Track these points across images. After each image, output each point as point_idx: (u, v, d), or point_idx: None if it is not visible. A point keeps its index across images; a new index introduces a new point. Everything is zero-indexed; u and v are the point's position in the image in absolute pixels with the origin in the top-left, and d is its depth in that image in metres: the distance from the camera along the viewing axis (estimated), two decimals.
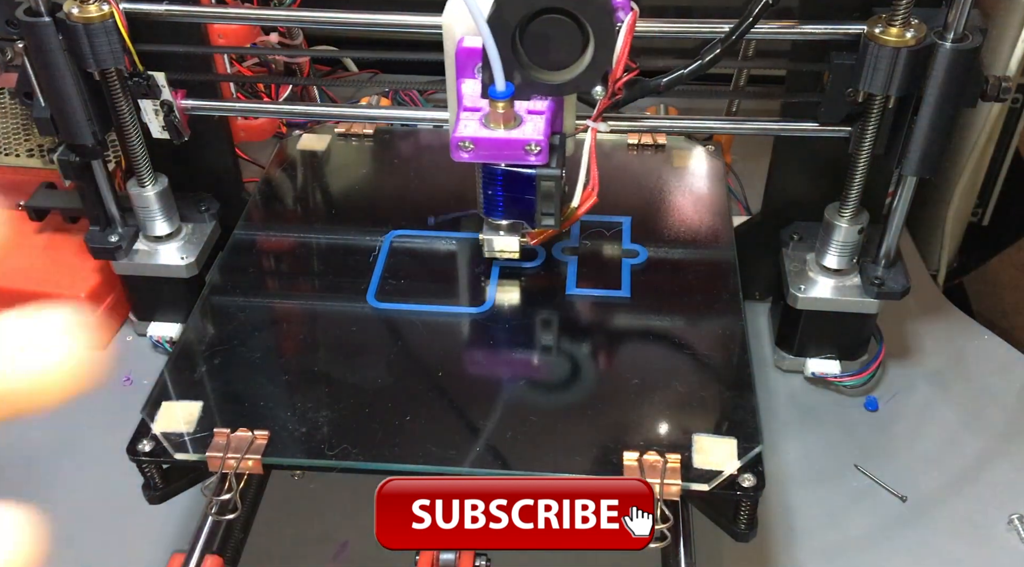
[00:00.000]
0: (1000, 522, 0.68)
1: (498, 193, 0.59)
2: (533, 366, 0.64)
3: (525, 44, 0.52)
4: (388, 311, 0.67)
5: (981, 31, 0.59)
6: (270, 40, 0.91)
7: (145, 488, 0.59)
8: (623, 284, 0.69)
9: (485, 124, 0.55)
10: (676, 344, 0.64)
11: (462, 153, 0.55)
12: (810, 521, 0.68)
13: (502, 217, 0.61)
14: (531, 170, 0.57)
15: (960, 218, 0.92)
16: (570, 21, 0.52)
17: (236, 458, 0.55)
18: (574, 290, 0.68)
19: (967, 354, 0.82)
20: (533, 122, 0.55)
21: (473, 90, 0.56)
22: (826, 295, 0.72)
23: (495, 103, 0.54)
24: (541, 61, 0.53)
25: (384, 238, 0.73)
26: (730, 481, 0.54)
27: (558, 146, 0.57)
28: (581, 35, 0.52)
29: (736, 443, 0.56)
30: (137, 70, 0.65)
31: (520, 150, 0.55)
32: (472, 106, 0.56)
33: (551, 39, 0.52)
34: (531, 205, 0.59)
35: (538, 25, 0.52)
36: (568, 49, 0.53)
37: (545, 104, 0.56)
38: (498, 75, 0.52)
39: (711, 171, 0.81)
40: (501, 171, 0.57)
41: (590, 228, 0.74)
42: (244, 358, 0.63)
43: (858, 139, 0.65)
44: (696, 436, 0.56)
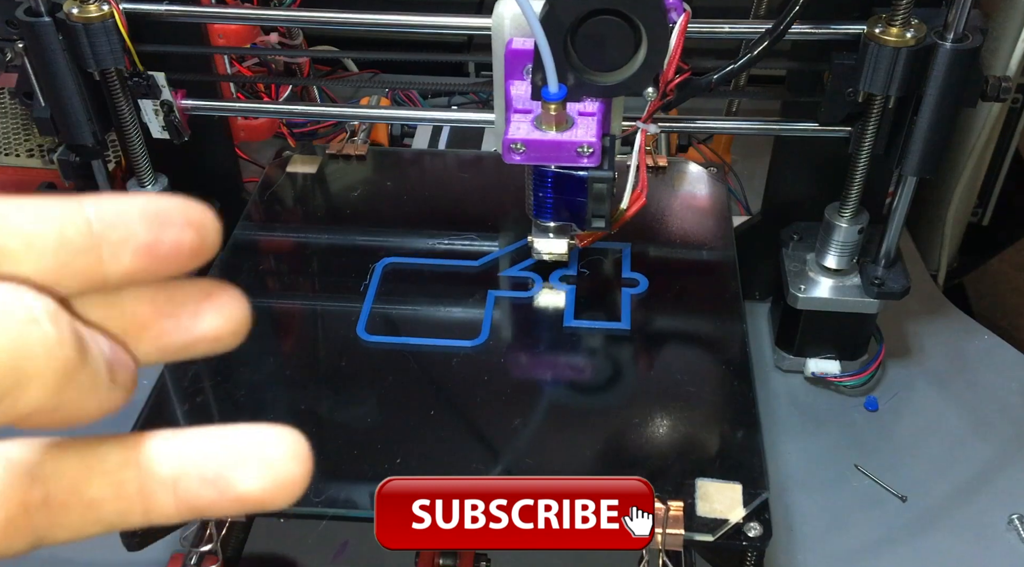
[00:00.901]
0: (1000, 522, 0.68)
1: (548, 195, 0.58)
2: (529, 405, 0.61)
3: (577, 45, 0.52)
4: (379, 344, 0.65)
5: (981, 31, 0.59)
6: (270, 40, 0.91)
7: (123, 536, 0.57)
8: (623, 316, 0.66)
9: (537, 126, 0.54)
10: (678, 381, 0.62)
11: (514, 155, 0.54)
12: (810, 521, 0.68)
13: (551, 219, 0.60)
14: (583, 172, 0.56)
15: (960, 218, 0.92)
16: (623, 22, 0.51)
17: None
18: (572, 322, 0.66)
19: (967, 354, 0.82)
20: (585, 124, 0.54)
21: (523, 92, 0.56)
22: (826, 295, 0.72)
23: (547, 105, 0.53)
24: (593, 62, 0.52)
25: (375, 266, 0.71)
26: (735, 530, 0.52)
27: (609, 148, 0.56)
28: (634, 36, 0.51)
29: (741, 489, 0.54)
30: (137, 70, 0.65)
31: (572, 152, 0.54)
32: (523, 108, 0.55)
33: (603, 40, 0.51)
34: (581, 207, 0.57)
35: (591, 26, 0.51)
36: (620, 50, 0.52)
37: (596, 106, 0.55)
38: (551, 76, 0.51)
39: (713, 195, 0.79)
40: (552, 173, 0.57)
41: (589, 255, 0.70)
42: (229, 395, 0.61)
43: (858, 139, 0.65)
44: (700, 481, 0.54)
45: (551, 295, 0.68)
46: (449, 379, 0.63)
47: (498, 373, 0.63)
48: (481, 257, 0.71)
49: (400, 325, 0.66)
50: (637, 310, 0.67)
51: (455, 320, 0.67)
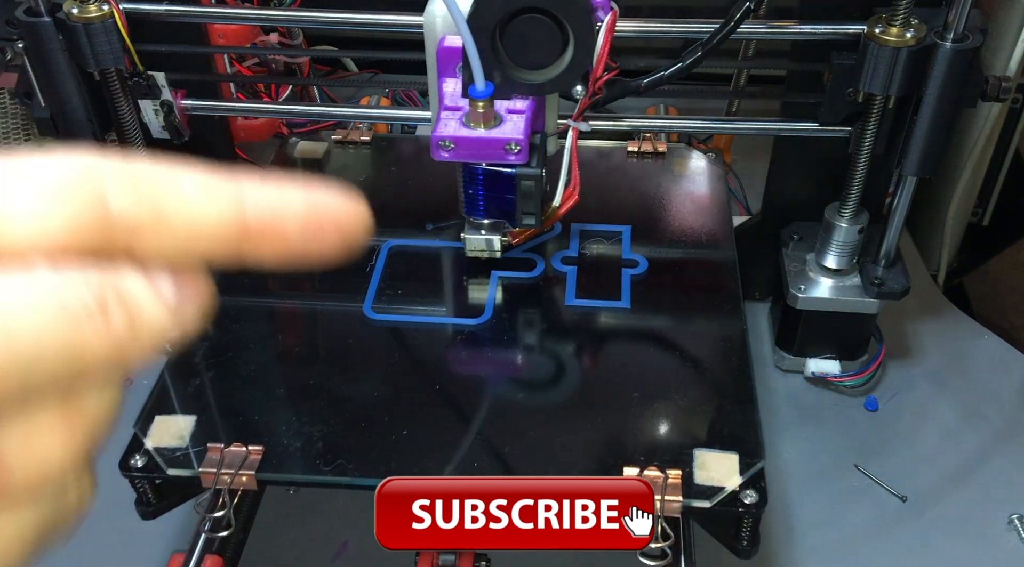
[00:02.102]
0: (1000, 522, 0.68)
1: (479, 192, 0.59)
2: (531, 379, 0.63)
3: (505, 43, 0.53)
4: (385, 322, 0.66)
5: (981, 31, 0.59)
6: (270, 40, 0.91)
7: (138, 504, 0.59)
8: (623, 294, 0.67)
9: (465, 123, 0.55)
10: (677, 356, 0.63)
11: (442, 152, 0.55)
12: (810, 521, 0.68)
13: (483, 216, 0.61)
14: (511, 169, 0.57)
15: (960, 218, 0.92)
16: (550, 21, 0.52)
17: (230, 474, 0.54)
18: (573, 301, 0.67)
19: (967, 354, 0.82)
20: (513, 121, 0.55)
21: (454, 89, 0.56)
22: (826, 295, 0.72)
23: (475, 102, 0.54)
24: (521, 60, 0.53)
25: (381, 247, 0.72)
26: (732, 497, 0.53)
27: (539, 145, 0.57)
28: (561, 35, 0.52)
29: (738, 458, 0.55)
30: (137, 70, 0.65)
31: (500, 149, 0.55)
32: (453, 105, 0.56)
33: (531, 38, 0.52)
34: (512, 204, 0.59)
35: (518, 24, 0.52)
36: (548, 49, 0.53)
37: (526, 103, 0.56)
38: (477, 74, 0.52)
39: (711, 178, 0.80)
40: (482, 170, 0.57)
41: (590, 237, 0.72)
42: (239, 371, 0.62)
43: (858, 139, 0.65)
44: (697, 451, 0.55)
45: (553, 275, 0.70)
46: (453, 355, 0.65)
47: (502, 349, 0.64)
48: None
49: (406, 304, 0.67)
50: (637, 290, 0.68)
51: (460, 299, 0.68)
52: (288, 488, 0.62)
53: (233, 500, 0.55)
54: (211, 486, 0.55)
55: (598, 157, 0.82)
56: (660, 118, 0.87)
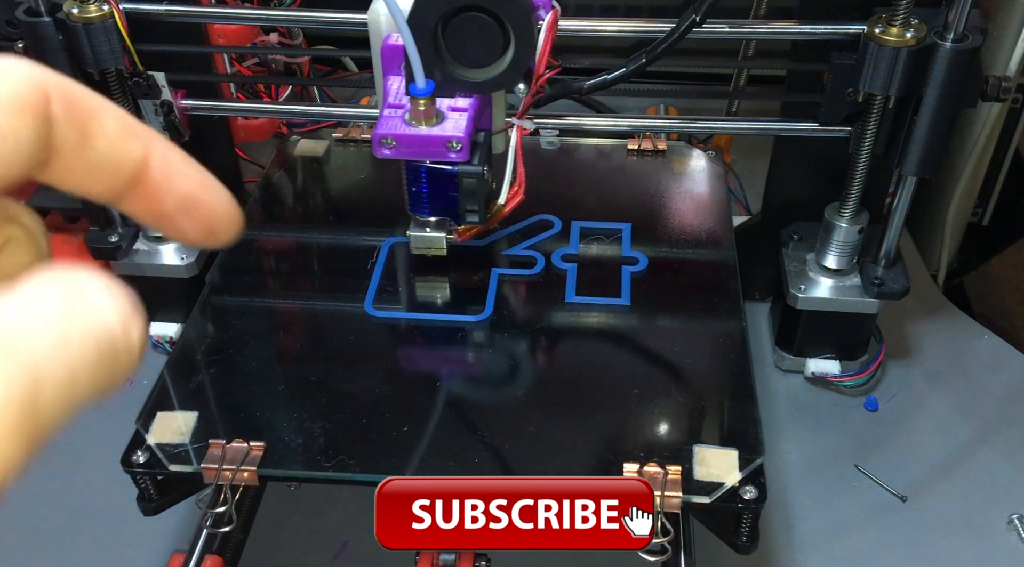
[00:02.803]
0: (1000, 522, 0.68)
1: (422, 190, 0.59)
2: (532, 375, 0.63)
3: (446, 41, 0.53)
4: (386, 319, 0.66)
5: (981, 31, 0.59)
6: (270, 40, 0.91)
7: (140, 500, 0.59)
8: (623, 292, 0.68)
9: (407, 121, 0.55)
10: (677, 353, 0.63)
11: (384, 150, 0.55)
12: (810, 521, 0.68)
13: (428, 214, 0.61)
14: (452, 167, 0.57)
15: (960, 218, 0.92)
16: (491, 19, 0.52)
17: (232, 470, 0.54)
18: (573, 298, 0.67)
19: (967, 354, 0.82)
20: (455, 119, 0.55)
21: (398, 87, 0.57)
22: (826, 295, 0.72)
23: (416, 100, 0.54)
24: (462, 59, 0.54)
25: (382, 245, 0.72)
26: (731, 493, 0.54)
27: (481, 143, 0.57)
28: (502, 33, 0.53)
29: (737, 454, 0.55)
30: (137, 70, 0.65)
31: (441, 147, 0.55)
32: (396, 103, 0.56)
33: (472, 37, 0.53)
34: (455, 202, 0.59)
35: (458, 23, 0.52)
36: (489, 47, 0.53)
37: (469, 102, 0.56)
38: (418, 72, 0.52)
39: (711, 176, 0.80)
40: (425, 168, 0.58)
41: (590, 235, 0.73)
42: (240, 367, 0.62)
43: (858, 139, 0.65)
44: (697, 447, 0.55)
45: (553, 273, 0.70)
46: (454, 352, 0.65)
47: (502, 346, 0.64)
48: (485, 237, 0.72)
49: (407, 300, 0.68)
50: (637, 287, 0.68)
51: (460, 296, 0.69)
52: (289, 484, 0.63)
53: (235, 496, 0.55)
54: (213, 482, 0.55)
55: (598, 155, 0.82)
56: (660, 118, 0.87)
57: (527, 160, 0.60)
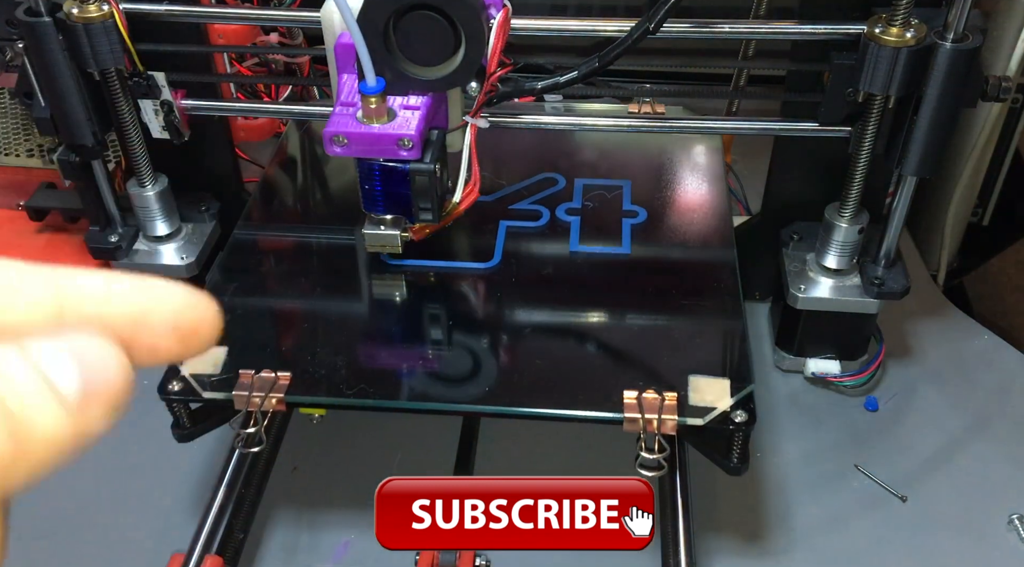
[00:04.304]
0: (1000, 522, 0.68)
1: (376, 188, 0.59)
2: (539, 315, 0.67)
3: (398, 40, 0.53)
4: (401, 266, 0.70)
5: (981, 31, 0.59)
6: (270, 40, 0.91)
7: (174, 427, 0.62)
8: (623, 241, 0.72)
9: (359, 119, 0.55)
10: (673, 295, 0.67)
11: (335, 147, 0.56)
12: (810, 521, 0.68)
13: (382, 212, 0.61)
14: (405, 165, 0.57)
15: (960, 218, 0.92)
16: (441, 18, 0.52)
17: (261, 397, 0.58)
18: (577, 247, 0.71)
19: (967, 354, 0.82)
20: (406, 117, 0.56)
21: (351, 85, 0.57)
22: (826, 295, 0.72)
23: (367, 98, 0.54)
24: (414, 57, 0.54)
25: None
26: (723, 417, 0.57)
27: (434, 141, 0.58)
28: (453, 32, 0.53)
29: (729, 383, 0.58)
30: (137, 70, 0.65)
31: (393, 145, 0.56)
32: (348, 101, 0.56)
33: (422, 35, 0.53)
34: (408, 200, 0.59)
35: (409, 21, 0.52)
36: (440, 46, 0.54)
37: (422, 100, 0.56)
38: (368, 70, 0.52)
39: (707, 139, 0.84)
40: (377, 166, 0.58)
41: (592, 191, 0.77)
42: (267, 306, 0.68)
43: (858, 139, 0.65)
44: (692, 377, 0.59)
45: (558, 224, 0.74)
46: (466, 295, 0.69)
47: (510, 290, 0.68)
48: (494, 192, 0.77)
49: (421, 251, 0.70)
50: (636, 237, 0.72)
51: (471, 246, 0.72)
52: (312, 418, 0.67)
53: (264, 421, 0.58)
54: (243, 408, 0.58)
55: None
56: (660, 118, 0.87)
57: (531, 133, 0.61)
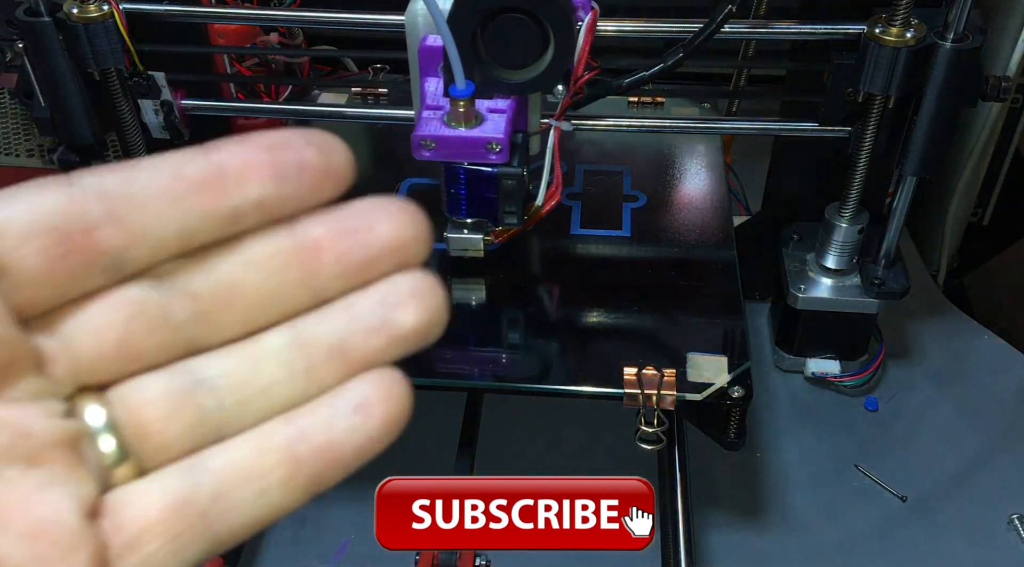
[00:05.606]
0: (1000, 522, 0.68)
1: (461, 192, 0.59)
2: (541, 295, 0.69)
3: (485, 42, 0.53)
4: None
5: (981, 31, 0.59)
6: (270, 40, 0.91)
7: None
8: (624, 224, 0.74)
9: (446, 123, 0.55)
10: (672, 276, 0.70)
11: (424, 151, 0.55)
12: (810, 521, 0.68)
13: (465, 216, 0.61)
14: (492, 169, 0.57)
15: (960, 218, 0.92)
16: (530, 21, 0.52)
17: None
18: (579, 230, 0.73)
19: (967, 354, 0.82)
20: (494, 121, 0.56)
21: (436, 89, 0.57)
22: (826, 295, 0.72)
23: (456, 102, 0.54)
24: (502, 60, 0.54)
25: (400, 185, 0.77)
26: (720, 392, 0.58)
27: (520, 145, 0.57)
28: (541, 34, 0.53)
29: (727, 360, 0.60)
30: (137, 70, 0.65)
31: (481, 149, 0.55)
32: (434, 104, 0.56)
33: (511, 38, 0.53)
34: (493, 204, 0.59)
35: (498, 24, 0.52)
36: (528, 48, 0.53)
37: (507, 103, 0.56)
38: (458, 74, 0.52)
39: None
40: (463, 170, 0.58)
41: (593, 176, 0.79)
42: None
43: (858, 139, 0.65)
44: (690, 354, 0.61)
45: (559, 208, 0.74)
46: (469, 275, 0.70)
47: (513, 270, 0.70)
48: None
49: None
50: (637, 220, 0.74)
51: None
52: None
53: None
54: None
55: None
56: (660, 118, 0.87)
57: None
